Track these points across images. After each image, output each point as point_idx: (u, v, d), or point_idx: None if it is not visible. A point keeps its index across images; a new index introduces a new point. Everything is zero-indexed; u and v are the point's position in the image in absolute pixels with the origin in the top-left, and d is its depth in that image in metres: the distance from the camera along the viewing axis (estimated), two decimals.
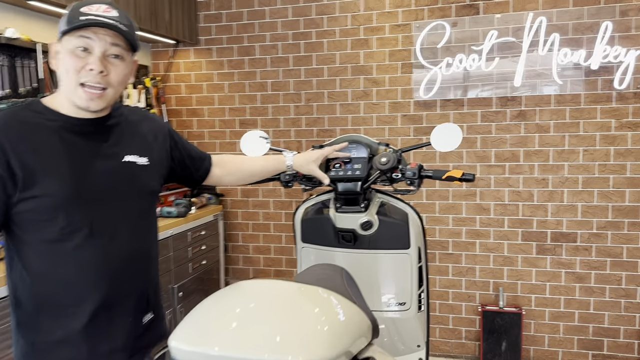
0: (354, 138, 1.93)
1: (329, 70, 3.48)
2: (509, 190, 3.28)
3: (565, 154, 3.18)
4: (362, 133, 3.45)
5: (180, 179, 1.68)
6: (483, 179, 3.31)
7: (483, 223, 3.33)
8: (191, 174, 1.68)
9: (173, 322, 2.99)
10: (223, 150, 3.70)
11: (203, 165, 1.70)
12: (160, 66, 3.79)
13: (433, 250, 3.40)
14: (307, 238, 2.00)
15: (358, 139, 1.93)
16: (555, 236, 3.23)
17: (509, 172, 3.27)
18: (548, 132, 3.19)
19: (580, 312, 3.24)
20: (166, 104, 3.76)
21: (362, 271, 1.92)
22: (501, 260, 3.33)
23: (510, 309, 3.26)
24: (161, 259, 2.95)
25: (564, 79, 3.11)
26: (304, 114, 3.55)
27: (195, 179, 1.71)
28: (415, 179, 1.80)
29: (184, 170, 1.64)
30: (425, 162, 3.34)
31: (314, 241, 1.98)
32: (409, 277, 1.92)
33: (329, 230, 1.92)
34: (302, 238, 2.01)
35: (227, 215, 3.74)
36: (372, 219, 1.85)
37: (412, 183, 1.81)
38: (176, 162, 1.61)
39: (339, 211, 1.87)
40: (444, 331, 3.46)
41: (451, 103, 3.31)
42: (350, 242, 1.90)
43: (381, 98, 3.42)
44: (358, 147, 1.92)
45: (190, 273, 3.18)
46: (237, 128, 3.68)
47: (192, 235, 3.20)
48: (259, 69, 3.60)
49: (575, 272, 3.22)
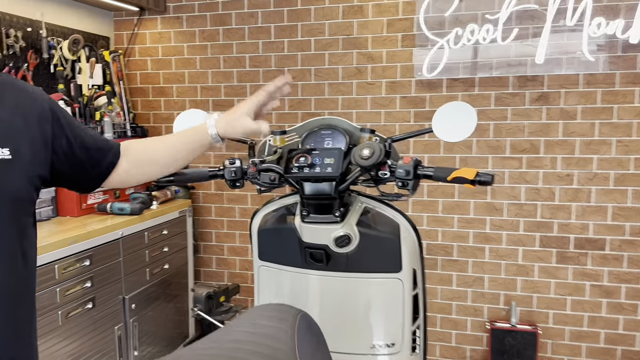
0: (328, 122, 1.44)
1: (317, 44, 2.97)
2: (526, 187, 2.77)
3: (595, 145, 2.67)
4: (354, 118, 2.94)
5: (71, 181, 1.17)
6: (495, 173, 2.79)
7: (494, 225, 2.83)
8: (86, 172, 1.17)
9: (123, 338, 2.52)
10: None
11: (106, 159, 1.19)
12: (124, 38, 3.28)
13: (435, 255, 2.91)
14: (265, 254, 1.51)
15: (333, 123, 1.43)
16: (580, 242, 2.73)
17: (527, 165, 2.76)
18: (574, 119, 2.68)
19: (607, 332, 2.74)
20: (128, 82, 3.25)
21: (337, 301, 1.44)
22: (514, 270, 2.83)
23: (523, 326, 2.77)
24: (108, 265, 2.50)
25: (595, 55, 2.59)
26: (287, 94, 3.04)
27: (92, 180, 1.20)
28: (409, 180, 1.30)
29: (75, 168, 1.14)
30: (427, 153, 2.83)
31: (274, 259, 1.50)
32: (400, 310, 1.44)
33: (293, 246, 1.43)
34: (259, 254, 1.52)
35: (197, 211, 3.26)
36: (351, 233, 1.37)
37: (404, 185, 1.31)
38: (61, 155, 1.10)
39: (305, 220, 1.38)
40: (446, 349, 2.98)
41: (460, 83, 2.79)
42: (321, 262, 1.41)
43: (377, 77, 2.90)
44: (334, 134, 1.43)
45: (147, 280, 2.70)
46: (210, 110, 3.18)
47: (151, 236, 2.72)
48: (235, 41, 3.09)
49: (603, 285, 2.73)
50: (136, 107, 3.29)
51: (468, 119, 1.31)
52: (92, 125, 2.77)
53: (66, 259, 2.15)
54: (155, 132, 3.24)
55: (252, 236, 1.53)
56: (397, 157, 1.38)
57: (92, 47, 3.03)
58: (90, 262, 2.28)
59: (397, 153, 1.42)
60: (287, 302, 1.49)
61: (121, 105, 3.08)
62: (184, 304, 3.06)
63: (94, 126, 2.78)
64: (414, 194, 1.33)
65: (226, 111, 1.24)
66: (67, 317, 2.16)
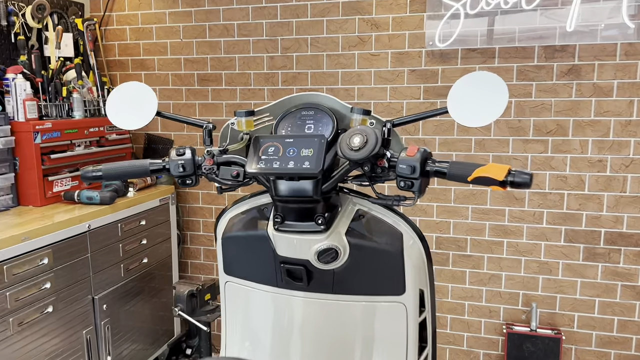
0: (309, 99, 1.11)
1: (314, 9, 2.61)
2: (551, 174, 2.43)
3: (632, 127, 2.31)
4: (356, 95, 2.60)
5: None
6: (516, 158, 2.45)
7: (514, 217, 2.50)
8: None
9: (93, 342, 2.24)
10: (179, 114, 2.88)
11: None
12: (100, 4, 2.94)
13: (446, 250, 2.59)
14: (232, 268, 1.20)
15: (315, 101, 1.10)
16: (612, 237, 2.40)
17: (553, 149, 2.41)
18: (609, 96, 2.32)
19: (639, 339, 2.43)
20: (104, 54, 2.92)
21: (322, 331, 1.14)
22: (536, 267, 2.51)
23: (545, 330, 2.46)
24: (72, 262, 2.09)
25: (636, 21, 2.21)
26: (280, 67, 2.69)
27: None
28: (414, 179, 0.97)
29: None
30: (438, 135, 2.49)
31: (243, 274, 1.19)
32: (404, 341, 1.13)
33: (266, 259, 1.12)
34: (224, 267, 1.21)
35: (182, 198, 2.95)
36: (339, 245, 1.05)
37: (408, 185, 0.98)
38: None
39: (280, 229, 1.06)
40: (456, 353, 2.68)
41: (477, 54, 2.43)
42: (301, 281, 1.10)
43: (382, 47, 2.54)
44: (317, 116, 1.10)
45: (122, 277, 2.41)
46: (195, 86, 2.84)
47: (125, 228, 2.42)
48: (221, 7, 2.73)
49: (636, 285, 2.40)
50: (114, 82, 2.96)
51: (495, 95, 0.97)
52: (57, 102, 2.45)
53: (18, 258, 1.86)
54: None
55: (216, 243, 1.22)
56: (400, 146, 1.05)
57: (62, 15, 2.69)
58: (49, 260, 1.99)
59: (400, 141, 1.09)
60: (259, 329, 1.18)
61: (95, 80, 2.75)
62: (169, 298, 2.78)
63: (59, 103, 2.46)
64: (421, 197, 1.00)
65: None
66: (21, 324, 1.88)
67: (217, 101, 2.81)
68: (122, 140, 2.73)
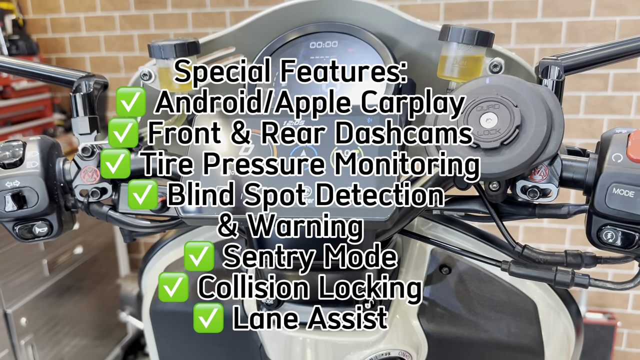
0: (332, 10, 0.46)
1: None
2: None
3: None
4: None
5: None
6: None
7: None
8: None
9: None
10: (112, 49, 2.17)
11: None
12: None
13: None
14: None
15: (344, 17, 0.46)
16: None
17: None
18: None
19: None
20: None
21: None
22: (582, 237, 1.99)
23: (595, 315, 1.98)
24: None
25: None
26: None
27: None
28: None
29: None
30: None
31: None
32: None
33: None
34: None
35: None
36: (408, 350, 0.44)
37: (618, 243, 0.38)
38: None
39: (277, 321, 0.45)
40: None
41: None
42: None
43: None
44: (347, 50, 0.46)
45: (45, 277, 1.79)
46: (132, 11, 2.12)
47: None
48: None
49: None
50: (25, 9, 2.20)
51: None
52: None
53: None
54: (52, 47, 2.20)
55: (143, 320, 0.61)
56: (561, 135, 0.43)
57: None
58: None
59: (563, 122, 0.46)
60: None
61: None
62: (117, 294, 2.19)
63: None
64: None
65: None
66: None
67: (162, 30, 2.10)
68: (36, 90, 2.02)
